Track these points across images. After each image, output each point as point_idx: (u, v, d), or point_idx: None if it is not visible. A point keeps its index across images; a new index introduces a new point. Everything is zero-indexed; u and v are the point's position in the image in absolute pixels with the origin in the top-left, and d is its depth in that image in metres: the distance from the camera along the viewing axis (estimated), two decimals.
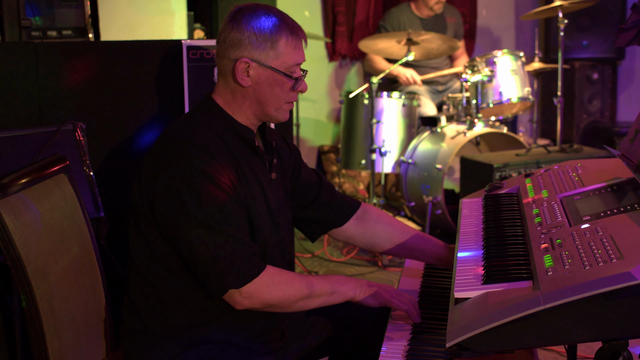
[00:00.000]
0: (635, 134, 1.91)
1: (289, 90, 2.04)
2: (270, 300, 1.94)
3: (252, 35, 1.97)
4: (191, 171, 1.89)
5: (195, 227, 1.88)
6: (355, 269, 4.68)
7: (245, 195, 1.98)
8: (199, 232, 1.88)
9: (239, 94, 2.02)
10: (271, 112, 2.04)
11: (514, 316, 1.44)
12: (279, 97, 2.03)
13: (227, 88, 2.04)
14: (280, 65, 2.00)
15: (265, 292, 1.92)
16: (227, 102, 2.04)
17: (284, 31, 2.00)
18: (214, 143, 1.96)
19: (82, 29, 3.13)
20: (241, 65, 1.98)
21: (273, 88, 2.01)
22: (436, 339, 1.88)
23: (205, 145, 1.93)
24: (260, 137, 2.13)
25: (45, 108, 2.89)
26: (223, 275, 1.88)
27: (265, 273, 1.92)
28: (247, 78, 1.99)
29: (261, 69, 1.99)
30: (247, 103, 2.03)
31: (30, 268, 1.85)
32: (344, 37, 6.45)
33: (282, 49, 2.00)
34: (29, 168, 1.99)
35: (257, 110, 2.04)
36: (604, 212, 1.74)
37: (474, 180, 4.60)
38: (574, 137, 6.51)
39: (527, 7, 6.83)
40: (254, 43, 1.97)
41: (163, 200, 1.92)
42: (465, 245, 1.95)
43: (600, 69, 6.59)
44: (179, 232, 1.91)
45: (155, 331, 2.00)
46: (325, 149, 6.43)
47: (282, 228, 2.13)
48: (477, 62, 5.22)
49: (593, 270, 1.44)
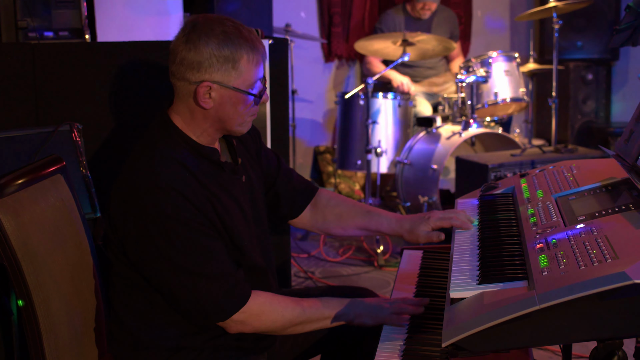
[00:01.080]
0: (630, 135, 1.92)
1: (252, 106, 1.99)
2: (261, 328, 1.97)
3: (212, 57, 1.89)
4: (161, 218, 1.85)
5: (173, 271, 1.87)
6: (351, 269, 4.68)
7: (224, 220, 1.96)
8: (178, 277, 1.87)
9: (199, 114, 1.96)
10: (234, 127, 2.00)
11: (509, 316, 1.44)
12: (243, 114, 1.98)
13: (186, 109, 1.96)
14: (242, 84, 1.93)
15: (255, 321, 1.95)
16: (185, 123, 1.97)
17: (244, 49, 1.91)
18: (181, 178, 1.89)
19: (78, 30, 3.12)
20: (202, 89, 1.91)
21: (236, 107, 1.95)
22: (432, 338, 1.89)
23: (172, 186, 1.86)
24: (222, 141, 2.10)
25: (42, 109, 2.89)
26: (207, 314, 1.91)
27: (253, 302, 1.93)
28: (209, 100, 1.92)
29: (223, 90, 1.92)
30: (208, 122, 1.97)
31: (27, 268, 1.85)
32: (339, 38, 6.46)
33: (243, 67, 1.92)
34: (26, 169, 1.99)
35: (219, 127, 1.99)
36: (599, 212, 1.74)
37: (469, 180, 4.61)
38: (569, 137, 6.52)
39: (522, 8, 6.84)
40: (214, 65, 1.89)
41: (136, 247, 1.90)
42: (460, 245, 1.96)
43: (595, 70, 6.60)
44: (157, 278, 1.91)
45: (142, 341, 2.00)
46: (321, 150, 6.44)
47: (262, 233, 2.13)
48: (472, 63, 5.24)
49: (588, 270, 1.44)
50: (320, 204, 2.34)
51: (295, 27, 5.82)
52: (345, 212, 2.32)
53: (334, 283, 4.42)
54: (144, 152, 1.96)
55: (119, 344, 2.04)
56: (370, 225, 2.29)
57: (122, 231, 1.91)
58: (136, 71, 2.97)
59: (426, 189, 4.98)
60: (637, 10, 2.43)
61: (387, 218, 2.28)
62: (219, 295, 1.89)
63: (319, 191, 2.35)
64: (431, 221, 2.18)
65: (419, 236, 2.20)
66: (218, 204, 1.95)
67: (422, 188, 5.02)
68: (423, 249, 2.52)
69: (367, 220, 2.29)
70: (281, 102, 3.41)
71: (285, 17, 5.99)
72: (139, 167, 1.93)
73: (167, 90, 2.92)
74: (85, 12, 3.14)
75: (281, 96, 3.41)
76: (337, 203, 2.34)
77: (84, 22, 3.12)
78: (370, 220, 2.29)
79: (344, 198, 2.39)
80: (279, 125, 3.34)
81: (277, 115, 3.36)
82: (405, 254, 2.51)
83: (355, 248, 5.02)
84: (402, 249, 2.56)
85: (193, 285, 1.88)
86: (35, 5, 3.05)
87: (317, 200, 2.34)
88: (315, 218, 2.34)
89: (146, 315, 1.99)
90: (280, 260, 3.50)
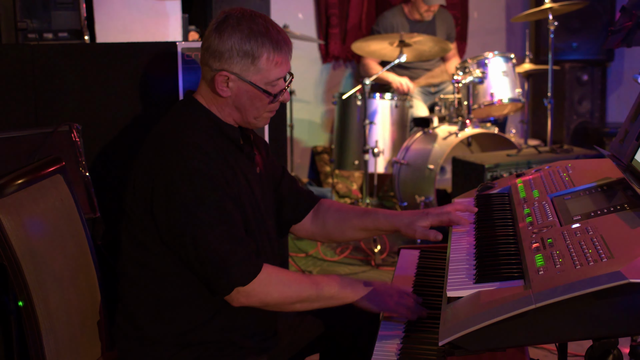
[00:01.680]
0: (625, 135, 1.93)
1: (269, 103, 2.03)
2: (267, 300, 1.95)
3: (233, 49, 1.95)
4: (189, 170, 1.89)
5: (199, 226, 1.88)
6: (348, 268, 4.69)
7: (238, 192, 1.99)
8: (204, 231, 1.88)
9: (220, 100, 2.02)
10: (250, 120, 2.04)
11: (505, 315, 1.45)
12: (259, 109, 2.03)
13: (209, 93, 2.03)
14: (260, 81, 1.98)
15: (264, 291, 1.93)
16: (209, 102, 2.04)
17: (266, 47, 1.96)
18: (205, 141, 1.95)
19: (77, 31, 3.12)
20: (220, 77, 1.97)
21: (253, 101, 2.01)
22: (429, 337, 1.89)
23: (198, 143, 1.92)
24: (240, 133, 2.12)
25: (41, 109, 2.89)
26: (230, 273, 1.89)
27: (263, 272, 1.93)
28: (226, 89, 1.98)
29: (240, 82, 1.98)
30: (227, 110, 2.03)
31: (26, 268, 1.85)
32: (337, 39, 6.47)
33: (263, 65, 1.97)
34: (25, 169, 2.00)
35: (236, 116, 2.04)
36: (595, 211, 1.75)
37: (465, 180, 4.62)
38: (564, 137, 6.54)
39: (518, 10, 6.86)
40: (234, 57, 1.95)
41: (163, 201, 1.91)
42: (457, 244, 1.97)
43: (590, 71, 6.62)
44: (184, 232, 1.90)
45: (150, 336, 2.01)
46: (318, 150, 6.45)
47: (269, 223, 2.14)
48: (469, 64, 5.25)
49: (584, 270, 1.45)
50: (321, 212, 2.35)
51: (292, 28, 5.83)
52: (342, 215, 2.33)
53: None
54: (169, 122, 2.02)
55: (125, 339, 2.05)
56: (367, 224, 2.30)
57: (150, 190, 1.92)
58: (135, 72, 2.98)
59: (423, 189, 4.99)
60: (632, 12, 2.44)
61: (384, 215, 2.28)
62: (242, 256, 1.89)
63: (321, 201, 2.37)
64: (429, 217, 2.17)
65: (415, 231, 2.18)
66: (233, 177, 1.98)
67: (419, 188, 5.03)
68: (420, 249, 2.53)
69: (364, 219, 2.30)
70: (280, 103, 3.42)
71: (283, 18, 5.99)
72: (163, 132, 1.98)
73: (167, 91, 2.94)
74: (85, 14, 3.14)
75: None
76: (336, 209, 2.36)
77: (83, 23, 3.13)
78: (367, 220, 2.29)
79: (342, 204, 2.41)
80: (277, 126, 3.35)
81: (275, 116, 3.35)
82: (403, 254, 2.51)
83: (353, 247, 5.03)
84: (399, 249, 2.56)
85: (219, 242, 1.88)
86: (34, 6, 3.05)
87: (319, 208, 2.36)
88: (317, 224, 2.34)
89: (154, 309, 2.00)
90: (279, 260, 3.51)
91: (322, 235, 2.37)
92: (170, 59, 2.93)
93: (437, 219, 2.17)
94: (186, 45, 2.92)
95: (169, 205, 1.91)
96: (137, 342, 2.03)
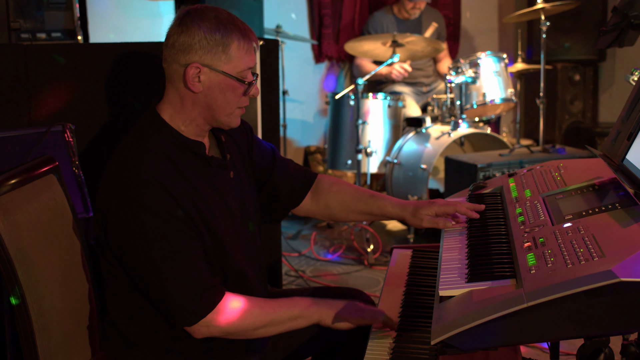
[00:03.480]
0: (617, 135, 1.94)
1: (241, 95, 1.99)
2: (229, 329, 1.94)
3: (202, 40, 1.91)
4: (139, 209, 1.85)
5: (145, 267, 1.88)
6: (341, 268, 4.70)
7: (204, 215, 1.95)
8: (149, 273, 1.88)
9: (188, 100, 1.97)
10: (222, 117, 2.00)
11: (497, 314, 1.45)
12: (231, 102, 1.98)
13: (177, 95, 1.98)
14: (231, 70, 1.94)
15: (223, 322, 1.92)
16: (176, 111, 1.99)
17: (235, 34, 1.93)
18: (164, 170, 1.90)
19: (71, 31, 3.12)
20: (192, 70, 1.92)
21: (225, 93, 1.96)
22: (421, 336, 1.90)
23: (154, 178, 1.87)
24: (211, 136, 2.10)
25: (34, 109, 2.89)
26: (174, 315, 1.90)
27: (221, 304, 1.92)
28: (197, 84, 1.94)
29: (212, 73, 1.93)
30: (197, 110, 1.98)
31: (19, 268, 1.85)
32: (330, 39, 6.48)
33: (233, 52, 1.93)
34: (19, 169, 1.99)
35: (207, 116, 1.99)
36: (586, 211, 1.75)
37: (458, 180, 4.63)
38: (556, 137, 6.56)
39: (510, 10, 6.87)
40: (204, 47, 1.91)
41: (115, 236, 1.90)
42: (449, 244, 1.97)
43: (582, 71, 6.64)
44: (132, 270, 1.92)
45: (135, 342, 2.01)
46: (311, 150, 6.46)
47: (249, 233, 2.12)
48: (461, 64, 5.27)
49: (575, 269, 1.45)
50: (322, 190, 2.32)
51: (286, 28, 5.83)
52: (348, 198, 2.30)
53: (325, 282, 4.44)
54: (130, 144, 1.97)
55: (111, 343, 2.05)
56: (374, 209, 2.27)
57: (107, 222, 1.91)
58: (128, 72, 2.98)
59: (416, 188, 5.01)
60: (623, 12, 2.45)
61: (390, 202, 2.26)
62: (186, 299, 1.88)
63: (319, 177, 2.34)
64: (435, 206, 2.16)
65: (422, 220, 2.16)
66: (199, 199, 1.95)
67: (411, 188, 5.04)
68: (412, 248, 2.54)
69: (370, 204, 2.27)
70: (272, 103, 3.42)
71: (276, 18, 6.00)
72: (124, 159, 1.94)
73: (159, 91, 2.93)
74: (78, 14, 3.14)
75: (272, 97, 3.43)
76: (339, 189, 2.32)
77: (77, 23, 3.13)
78: (374, 205, 2.27)
79: (346, 183, 2.37)
80: (270, 126, 3.36)
81: (268, 116, 3.38)
82: (395, 253, 2.52)
83: (346, 247, 5.04)
84: (392, 248, 2.57)
85: (161, 284, 1.87)
86: (28, 6, 3.05)
87: (318, 186, 2.33)
88: (318, 205, 2.32)
89: (137, 317, 2.00)
90: (271, 259, 3.52)
91: (324, 215, 2.36)
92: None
93: (442, 209, 2.15)
94: None
95: (120, 240, 1.90)
96: (122, 346, 2.03)
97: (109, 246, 1.94)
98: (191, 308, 1.89)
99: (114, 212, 1.89)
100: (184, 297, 1.88)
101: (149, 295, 1.92)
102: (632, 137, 1.80)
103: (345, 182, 2.38)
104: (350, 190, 2.33)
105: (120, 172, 1.91)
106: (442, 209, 2.15)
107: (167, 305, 1.89)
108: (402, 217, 2.23)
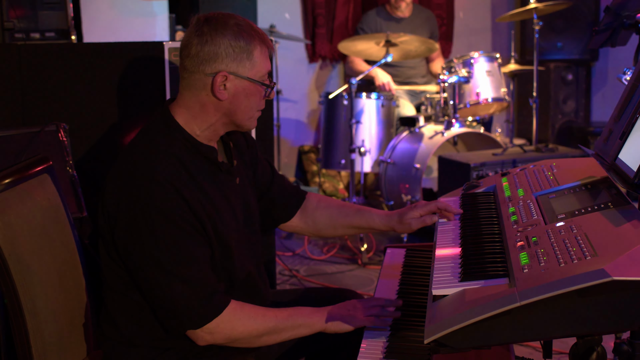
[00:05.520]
0: (609, 134, 1.95)
1: (262, 99, 2.04)
2: (232, 336, 1.95)
3: (228, 48, 1.93)
4: (151, 211, 1.86)
5: (153, 268, 1.88)
6: (335, 267, 4.70)
7: (214, 220, 1.97)
8: (156, 274, 1.88)
9: (210, 106, 1.98)
10: (244, 122, 2.03)
11: (490, 313, 1.45)
12: (253, 107, 2.02)
13: (196, 101, 1.98)
14: (255, 75, 1.98)
15: (227, 329, 1.93)
16: (192, 116, 1.99)
17: (256, 40, 1.97)
18: (177, 174, 1.92)
19: (64, 31, 3.12)
20: (219, 79, 1.94)
21: (249, 98, 1.99)
22: (415, 335, 1.91)
23: (167, 180, 1.88)
24: (219, 142, 2.11)
25: (28, 109, 2.89)
26: (179, 318, 1.91)
27: (226, 310, 1.92)
28: (224, 91, 1.96)
29: (238, 80, 1.96)
30: (217, 115, 2.00)
31: (13, 267, 1.85)
32: (323, 39, 6.48)
33: (256, 58, 1.97)
34: (12, 168, 1.99)
35: (227, 121, 2.02)
36: (579, 210, 1.75)
37: (451, 179, 4.64)
38: (549, 136, 6.58)
39: (503, 10, 6.89)
40: (230, 55, 1.94)
41: (123, 235, 1.91)
42: (442, 243, 1.98)
43: (575, 70, 6.66)
44: (137, 271, 1.92)
45: (132, 340, 2.02)
46: (305, 149, 6.46)
47: (253, 237, 2.14)
48: (455, 64, 5.27)
49: (568, 268, 1.46)
50: (309, 207, 2.36)
51: (279, 28, 5.84)
52: (335, 213, 2.35)
53: (319, 281, 4.44)
54: (143, 145, 1.98)
55: (110, 341, 2.06)
56: (361, 222, 2.32)
57: (114, 220, 1.92)
58: (122, 72, 2.98)
59: (409, 187, 5.01)
60: (616, 12, 2.47)
61: (377, 214, 2.31)
62: (193, 302, 1.89)
63: (307, 196, 2.38)
64: (418, 208, 2.21)
65: (410, 224, 2.22)
66: (209, 204, 1.96)
67: (405, 187, 5.05)
68: (406, 247, 2.54)
69: (358, 218, 2.32)
70: (266, 102, 3.42)
71: (270, 18, 6.00)
72: (136, 159, 1.95)
73: (153, 90, 2.94)
74: (72, 13, 3.14)
75: None
76: (326, 205, 2.37)
77: (70, 23, 3.13)
78: (361, 218, 2.31)
79: (332, 200, 2.42)
80: (263, 125, 3.36)
81: (261, 115, 3.36)
82: (389, 252, 2.53)
83: (340, 246, 5.05)
84: (386, 247, 2.58)
85: (168, 286, 1.88)
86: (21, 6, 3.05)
87: (306, 204, 2.37)
88: (306, 221, 2.36)
89: (137, 315, 2.00)
90: (265, 259, 3.51)
91: (311, 231, 2.39)
92: (157, 59, 2.93)
93: (425, 209, 2.21)
94: (173, 45, 2.92)
95: (128, 240, 1.91)
96: (120, 344, 2.04)
97: (114, 245, 1.95)
98: (198, 311, 1.90)
99: (125, 211, 1.90)
100: (191, 301, 1.89)
101: (152, 297, 1.92)
102: (625, 136, 1.81)
103: (332, 199, 2.44)
104: (337, 205, 2.38)
105: (132, 173, 1.92)
106: (425, 209, 2.21)
107: (172, 308, 1.90)
108: (390, 226, 2.28)
